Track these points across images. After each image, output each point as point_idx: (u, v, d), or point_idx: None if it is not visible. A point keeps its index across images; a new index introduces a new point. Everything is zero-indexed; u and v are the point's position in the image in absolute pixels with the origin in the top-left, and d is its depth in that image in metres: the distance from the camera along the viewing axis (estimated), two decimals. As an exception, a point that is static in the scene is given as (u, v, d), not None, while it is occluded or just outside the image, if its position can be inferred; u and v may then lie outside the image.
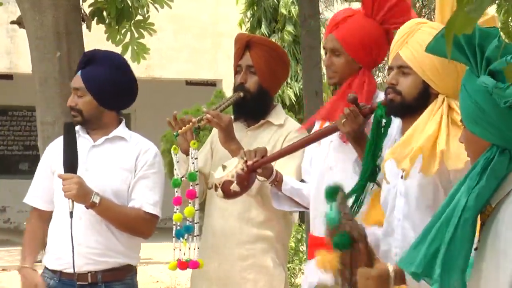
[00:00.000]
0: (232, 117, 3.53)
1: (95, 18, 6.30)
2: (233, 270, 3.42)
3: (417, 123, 2.43)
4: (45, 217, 3.39)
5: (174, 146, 3.32)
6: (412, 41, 2.48)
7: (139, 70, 12.57)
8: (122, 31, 6.53)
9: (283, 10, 12.55)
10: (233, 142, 3.33)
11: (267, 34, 12.60)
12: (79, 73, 3.35)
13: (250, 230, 3.43)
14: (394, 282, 2.23)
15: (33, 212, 3.45)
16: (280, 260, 3.47)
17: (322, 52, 6.43)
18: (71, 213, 3.07)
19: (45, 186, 3.40)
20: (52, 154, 3.39)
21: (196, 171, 3.25)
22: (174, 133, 3.29)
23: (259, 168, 3.02)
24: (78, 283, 3.21)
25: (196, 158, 3.27)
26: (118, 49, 6.63)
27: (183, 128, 3.26)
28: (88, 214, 3.19)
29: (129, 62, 6.81)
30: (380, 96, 3.04)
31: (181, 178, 3.27)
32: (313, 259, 3.05)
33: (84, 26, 5.65)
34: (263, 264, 3.42)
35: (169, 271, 9.51)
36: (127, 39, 6.61)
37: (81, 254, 3.15)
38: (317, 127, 3.28)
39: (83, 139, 3.31)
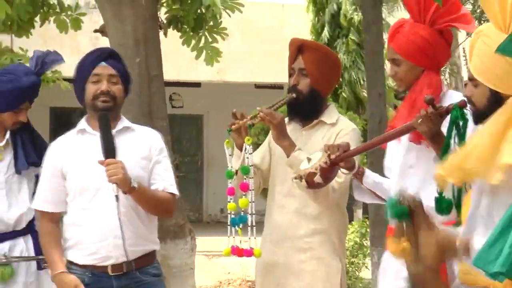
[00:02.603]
0: (287, 118, 3.54)
1: (171, 26, 6.40)
2: (293, 262, 3.43)
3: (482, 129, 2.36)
4: (56, 218, 3.31)
5: (227, 140, 3.32)
6: (474, 54, 2.44)
7: (211, 73, 12.80)
8: (197, 37, 6.60)
9: (342, 20, 12.46)
10: (285, 139, 3.35)
11: (329, 40, 12.54)
12: (103, 63, 3.28)
13: (307, 224, 3.44)
14: (460, 252, 2.17)
15: (43, 216, 3.31)
16: (336, 252, 3.47)
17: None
18: (116, 197, 3.03)
19: (52, 188, 3.27)
20: (58, 156, 3.29)
21: (250, 166, 3.27)
22: (228, 129, 3.31)
23: (341, 161, 3.02)
24: (113, 274, 3.16)
25: (251, 153, 3.29)
26: (193, 54, 6.72)
27: (236, 124, 3.28)
28: (121, 206, 3.13)
29: (203, 65, 6.94)
30: (452, 95, 3.03)
31: (235, 171, 3.29)
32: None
33: (161, 32, 5.73)
34: (321, 256, 3.42)
35: (241, 263, 9.54)
36: (201, 43, 6.68)
37: (117, 246, 3.12)
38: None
39: (94, 137, 3.23)
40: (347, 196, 3.54)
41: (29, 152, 3.77)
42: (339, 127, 3.47)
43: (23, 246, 3.76)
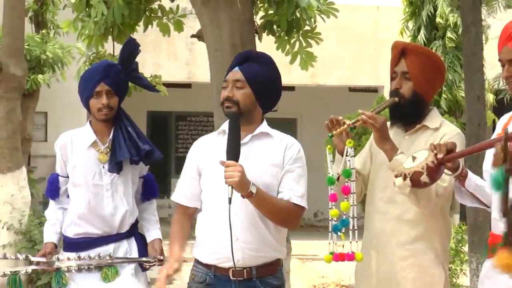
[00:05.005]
0: (389, 122, 3.49)
1: (266, 30, 6.44)
2: (394, 269, 3.37)
3: None
4: (190, 213, 3.39)
5: (328, 146, 3.30)
6: None
7: (305, 77, 12.82)
8: (291, 41, 6.62)
9: (439, 19, 12.24)
10: (387, 142, 3.29)
11: (425, 41, 12.35)
12: (236, 68, 3.32)
13: (409, 231, 3.37)
14: None
15: (178, 209, 3.43)
16: (439, 260, 3.38)
17: (485, 57, 6.29)
18: (229, 199, 3.01)
19: (190, 184, 3.36)
20: (197, 154, 3.38)
21: (352, 168, 3.22)
22: (329, 134, 3.28)
23: (448, 162, 2.94)
24: (233, 278, 3.18)
25: (352, 156, 3.24)
26: (287, 57, 6.74)
27: (338, 129, 3.25)
28: (244, 210, 3.15)
29: (297, 69, 6.96)
30: None
31: (337, 176, 3.25)
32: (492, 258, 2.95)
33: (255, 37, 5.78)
34: (423, 264, 3.35)
35: (334, 268, 9.50)
36: (295, 48, 6.69)
37: (238, 249, 3.11)
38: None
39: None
40: (450, 200, 3.46)
41: (122, 152, 3.81)
42: (442, 131, 3.39)
43: (126, 248, 3.85)
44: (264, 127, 3.34)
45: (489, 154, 3.14)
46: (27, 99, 10.53)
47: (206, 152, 3.34)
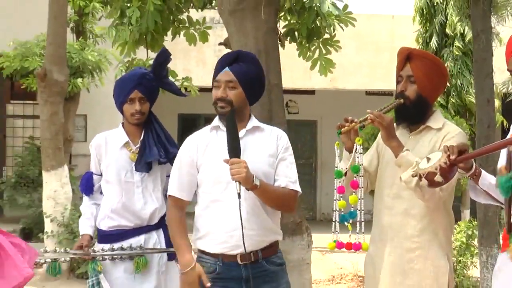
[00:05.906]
0: (395, 123, 3.48)
1: (288, 38, 6.44)
2: (401, 261, 3.37)
3: None
4: (184, 207, 3.32)
5: (337, 142, 3.31)
6: None
7: (325, 82, 12.80)
8: (312, 48, 6.61)
9: (448, 29, 12.15)
10: (394, 139, 3.30)
11: (437, 49, 12.27)
12: (226, 68, 3.31)
13: (415, 224, 3.37)
14: None
15: (175, 204, 3.32)
16: (444, 251, 3.38)
17: (494, 63, 6.22)
18: (239, 194, 3.04)
19: (187, 178, 3.30)
20: (193, 150, 3.32)
21: (360, 165, 3.24)
22: (337, 131, 3.29)
23: (461, 162, 2.95)
24: (242, 263, 3.18)
25: (361, 153, 3.26)
26: (308, 63, 6.73)
27: (346, 127, 3.25)
28: (249, 200, 3.16)
29: (317, 75, 6.95)
30: None
31: (344, 171, 3.27)
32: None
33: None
34: (429, 256, 3.35)
35: (352, 259, 9.44)
36: (316, 55, 6.68)
37: (245, 236, 3.10)
38: None
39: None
40: (453, 194, 3.46)
41: (151, 153, 3.86)
42: (445, 131, 3.39)
43: (156, 239, 3.91)
44: (254, 121, 3.37)
45: (503, 153, 3.11)
46: (68, 103, 10.63)
47: (203, 148, 3.31)
